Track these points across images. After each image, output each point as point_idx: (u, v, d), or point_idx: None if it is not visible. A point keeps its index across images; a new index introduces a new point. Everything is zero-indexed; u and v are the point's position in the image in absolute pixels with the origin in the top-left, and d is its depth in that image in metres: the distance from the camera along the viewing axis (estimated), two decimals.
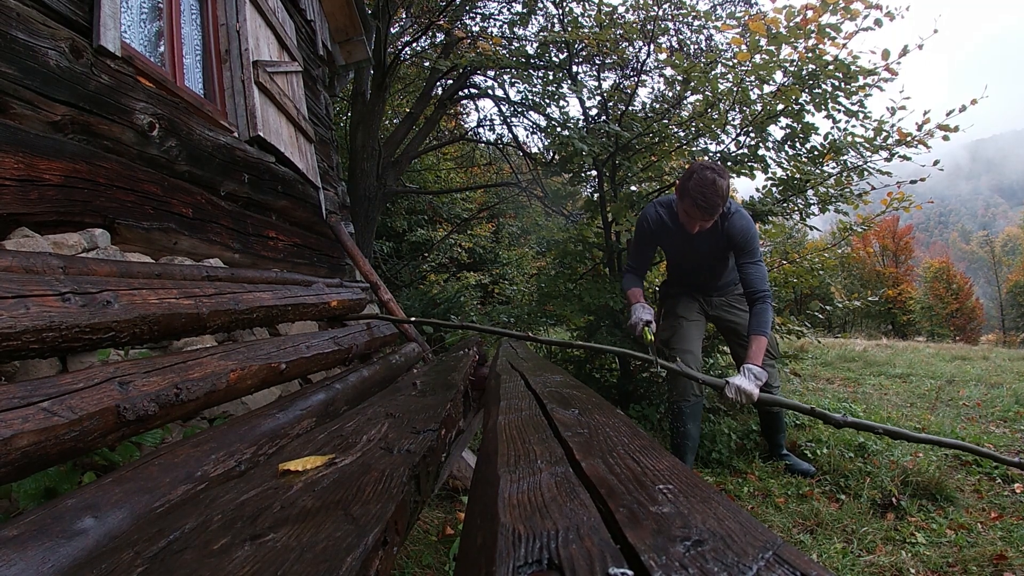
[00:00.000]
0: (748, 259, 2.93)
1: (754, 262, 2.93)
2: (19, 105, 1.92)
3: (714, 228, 2.95)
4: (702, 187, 2.68)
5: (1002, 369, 7.37)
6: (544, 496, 0.55)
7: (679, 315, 3.30)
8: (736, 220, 2.94)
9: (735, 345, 3.37)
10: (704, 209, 2.72)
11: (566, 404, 1.09)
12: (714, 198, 2.68)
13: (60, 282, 1.27)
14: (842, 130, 4.30)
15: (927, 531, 2.56)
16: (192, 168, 2.81)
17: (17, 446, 0.92)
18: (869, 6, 3.71)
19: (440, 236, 12.41)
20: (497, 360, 2.38)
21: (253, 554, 0.55)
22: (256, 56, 3.55)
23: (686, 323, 3.27)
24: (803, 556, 0.39)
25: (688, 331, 3.24)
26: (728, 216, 2.95)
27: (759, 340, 2.77)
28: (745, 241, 2.92)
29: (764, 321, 2.81)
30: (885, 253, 36.74)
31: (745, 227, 2.94)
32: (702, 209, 2.72)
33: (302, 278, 3.24)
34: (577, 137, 4.41)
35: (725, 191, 2.71)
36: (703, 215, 2.75)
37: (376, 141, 8.72)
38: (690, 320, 3.28)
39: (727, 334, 3.44)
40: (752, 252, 2.93)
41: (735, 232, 2.92)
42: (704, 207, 2.71)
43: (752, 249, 2.93)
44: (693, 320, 3.29)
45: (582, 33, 5.19)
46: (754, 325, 2.84)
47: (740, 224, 2.94)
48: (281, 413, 1.57)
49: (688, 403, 3.13)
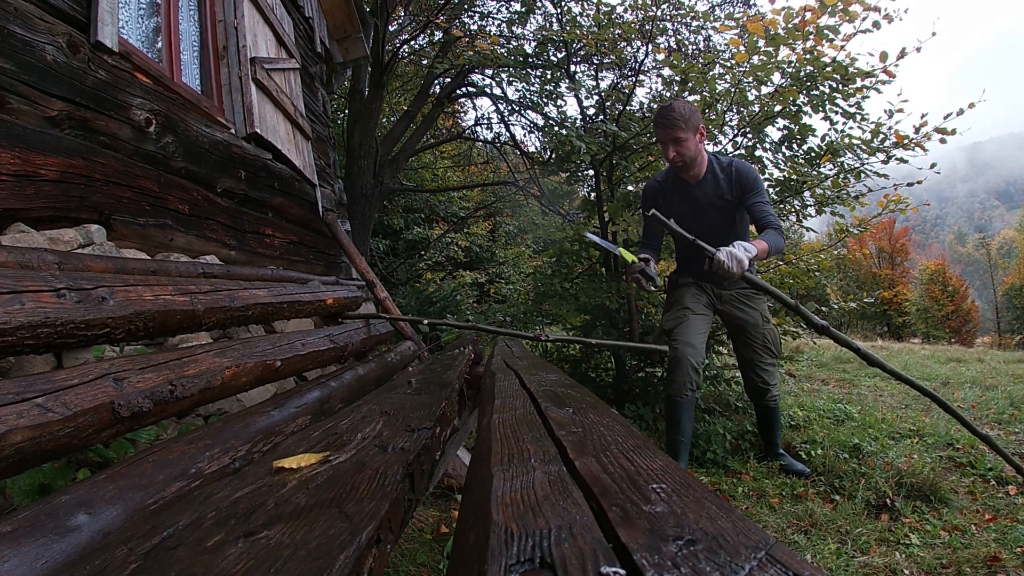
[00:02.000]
0: (756, 198, 3.05)
1: (763, 200, 3.06)
2: (16, 100, 1.92)
3: (712, 180, 3.12)
4: (660, 111, 3.02)
5: (997, 371, 7.40)
6: (537, 495, 0.55)
7: (686, 306, 3.27)
8: (739, 165, 3.11)
9: (740, 344, 3.35)
10: (662, 124, 2.98)
11: (560, 403, 1.09)
12: (668, 113, 2.95)
13: (56, 278, 1.27)
14: (839, 132, 4.31)
15: (921, 532, 2.57)
16: (189, 164, 2.80)
17: (11, 442, 0.92)
18: (867, 8, 3.72)
19: (437, 234, 12.40)
20: (492, 359, 2.38)
21: (247, 551, 0.55)
22: (254, 53, 3.54)
23: (692, 315, 3.22)
24: (796, 556, 0.39)
25: (693, 323, 3.20)
26: (732, 161, 3.14)
27: (760, 242, 2.86)
28: (751, 181, 3.06)
29: (773, 238, 2.93)
30: (881, 255, 36.84)
31: (748, 169, 3.11)
32: (661, 125, 2.99)
33: (298, 276, 3.24)
34: (574, 136, 4.41)
35: (683, 109, 2.95)
36: (663, 131, 3.00)
37: (373, 139, 8.71)
38: (696, 313, 3.24)
39: (734, 331, 3.39)
40: (759, 191, 3.07)
41: (741, 174, 3.08)
42: (661, 122, 2.98)
43: (759, 188, 3.08)
44: (700, 313, 3.25)
45: (580, 32, 5.20)
46: (763, 236, 2.95)
47: (743, 168, 3.11)
48: (276, 411, 1.57)
49: (684, 398, 3.09)
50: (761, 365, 3.31)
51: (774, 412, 3.43)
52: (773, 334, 3.34)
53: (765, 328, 3.29)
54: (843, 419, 4.48)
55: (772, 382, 3.32)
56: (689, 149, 3.01)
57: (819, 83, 4.03)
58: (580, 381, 3.53)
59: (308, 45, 5.04)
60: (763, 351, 3.31)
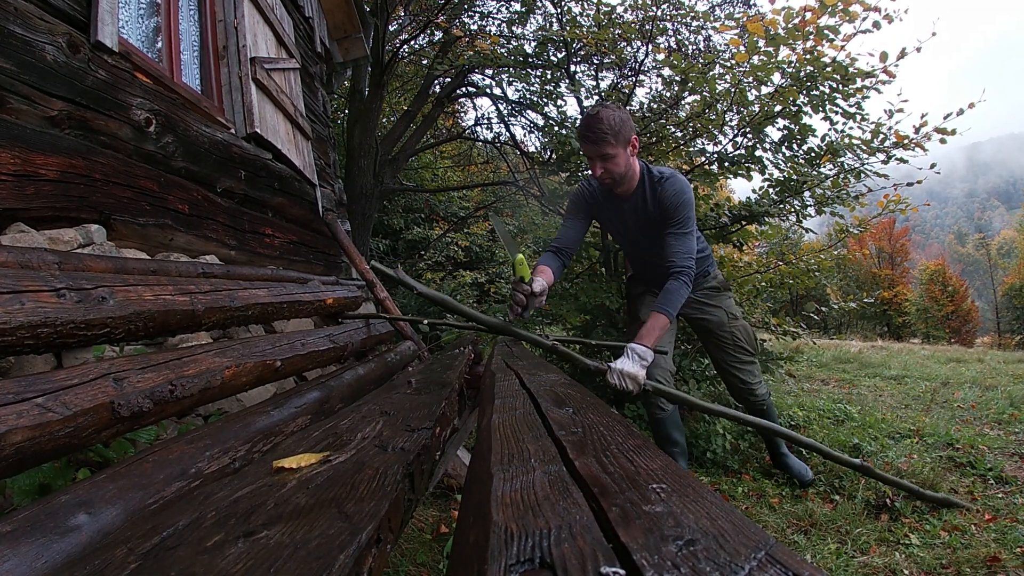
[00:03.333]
0: (673, 228, 2.66)
1: (680, 232, 2.65)
2: (16, 100, 1.92)
3: (643, 197, 2.75)
4: (586, 121, 2.55)
5: (997, 371, 7.40)
6: (537, 495, 0.55)
7: (640, 319, 3.02)
8: (668, 185, 2.68)
9: (710, 346, 3.20)
10: (587, 139, 2.55)
11: (560, 403, 1.09)
12: (595, 125, 2.50)
13: (56, 278, 1.27)
14: (839, 132, 4.31)
15: (921, 532, 2.57)
16: (189, 164, 2.80)
17: (11, 442, 0.92)
18: (868, 8, 3.71)
19: (437, 234, 12.39)
20: (492, 359, 2.37)
21: (246, 551, 0.55)
22: (254, 53, 3.54)
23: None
24: (796, 556, 0.39)
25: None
26: (663, 180, 2.70)
27: (656, 317, 2.52)
28: (673, 208, 2.66)
29: (670, 299, 2.54)
30: (881, 255, 36.85)
31: (676, 191, 2.66)
32: (586, 140, 2.56)
33: (298, 275, 3.24)
34: (574, 136, 4.41)
35: (612, 119, 2.49)
36: (588, 146, 2.58)
37: (373, 139, 8.71)
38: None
39: (701, 334, 3.24)
40: (679, 221, 2.66)
41: (664, 198, 2.67)
42: (587, 136, 2.55)
43: (680, 218, 2.66)
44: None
45: (580, 32, 5.20)
46: (658, 301, 2.58)
47: (671, 189, 2.67)
48: (276, 410, 1.57)
49: (664, 412, 2.99)
50: (736, 365, 3.13)
51: (766, 414, 3.20)
52: (744, 331, 3.15)
53: (733, 326, 3.11)
54: (843, 419, 4.48)
55: (752, 381, 3.13)
56: (619, 166, 2.61)
57: (819, 83, 4.03)
58: (580, 381, 3.53)
59: (308, 45, 5.05)
60: (735, 350, 3.12)
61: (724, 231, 4.50)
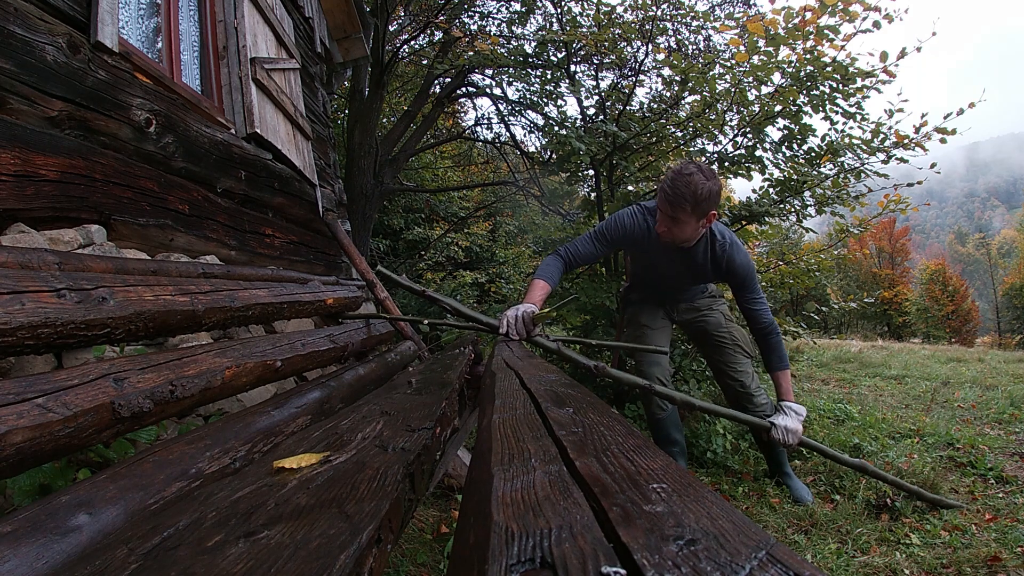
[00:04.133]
0: (751, 294, 2.81)
1: (757, 298, 2.82)
2: (16, 100, 1.92)
3: (701, 253, 2.79)
4: (674, 177, 2.50)
5: (997, 371, 7.40)
6: (537, 494, 0.55)
7: (642, 324, 3.14)
8: (736, 254, 2.77)
9: (708, 348, 3.20)
10: (666, 196, 2.52)
11: (561, 403, 1.09)
12: (683, 188, 2.46)
13: (56, 278, 1.27)
14: (840, 132, 4.31)
15: (921, 532, 2.57)
16: (189, 164, 2.80)
17: (12, 442, 0.92)
18: (868, 8, 3.72)
19: (437, 234, 12.40)
20: (493, 358, 2.37)
21: (247, 551, 0.55)
22: (254, 53, 3.54)
23: (650, 331, 3.11)
24: (796, 556, 0.39)
25: (652, 340, 3.08)
26: (726, 247, 2.77)
27: (785, 374, 2.80)
28: (746, 277, 2.80)
29: (782, 355, 2.82)
30: (881, 255, 36.87)
31: (746, 263, 2.79)
32: (665, 195, 2.52)
33: (298, 275, 3.24)
34: (574, 136, 4.41)
35: (699, 188, 2.46)
36: (665, 203, 2.55)
37: (373, 139, 8.72)
38: (654, 328, 3.12)
39: (699, 338, 3.24)
40: (754, 288, 2.82)
41: (736, 267, 2.77)
42: (667, 195, 2.51)
43: (754, 286, 2.82)
44: (658, 328, 3.13)
45: (580, 33, 5.20)
46: (775, 361, 2.82)
47: (741, 259, 2.77)
48: (276, 410, 1.57)
49: (664, 412, 3.02)
50: (735, 367, 3.11)
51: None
52: (740, 332, 3.17)
53: (730, 326, 3.14)
54: (843, 419, 4.48)
55: (752, 386, 3.09)
56: (684, 233, 2.62)
57: (819, 83, 4.03)
58: (580, 381, 3.53)
59: (308, 45, 5.05)
60: (734, 350, 3.12)
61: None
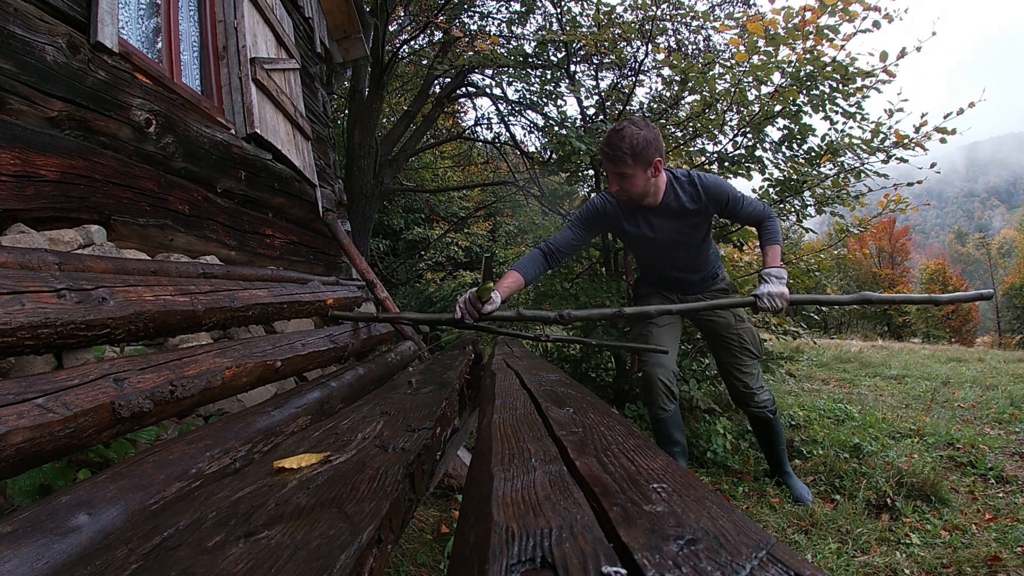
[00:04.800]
0: (740, 205, 2.79)
1: (744, 204, 2.79)
2: (16, 100, 1.92)
3: (674, 201, 2.75)
4: (609, 136, 2.56)
5: (997, 371, 7.40)
6: (538, 494, 0.55)
7: (649, 320, 3.06)
8: (704, 179, 2.75)
9: (716, 347, 3.18)
10: (604, 154, 2.58)
11: (561, 403, 1.09)
12: (616, 143, 2.51)
13: (56, 278, 1.27)
14: (839, 132, 4.30)
15: (922, 532, 2.57)
16: (189, 165, 2.80)
17: (12, 442, 0.92)
18: (867, 8, 3.71)
19: (437, 234, 12.40)
20: (493, 358, 2.37)
21: (247, 551, 0.55)
22: (254, 53, 3.54)
23: (656, 328, 3.06)
24: (796, 556, 0.39)
25: (659, 338, 3.02)
26: (693, 180, 2.75)
27: (774, 248, 2.75)
28: (728, 195, 2.75)
29: (774, 231, 2.78)
30: (881, 255, 36.88)
31: (717, 181, 2.76)
32: (605, 155, 2.57)
33: (298, 276, 3.24)
34: (574, 136, 4.41)
35: (635, 140, 2.48)
36: (608, 163, 2.59)
37: (373, 139, 8.71)
38: (661, 325, 3.07)
39: (708, 335, 3.22)
40: (739, 197, 2.78)
41: (712, 190, 2.73)
42: (606, 152, 2.57)
43: (735, 198, 2.77)
44: (665, 324, 3.08)
45: (580, 33, 5.20)
46: (765, 237, 2.80)
47: (711, 181, 2.75)
48: (276, 411, 1.57)
49: (666, 412, 2.97)
50: (740, 368, 3.10)
51: (769, 423, 3.14)
52: (751, 333, 3.14)
53: (740, 327, 3.10)
54: (843, 419, 4.48)
55: (755, 386, 3.09)
56: (636, 186, 2.62)
57: (819, 83, 4.03)
58: (580, 381, 3.53)
59: (308, 45, 5.04)
60: (741, 352, 3.10)
61: (724, 231, 4.50)
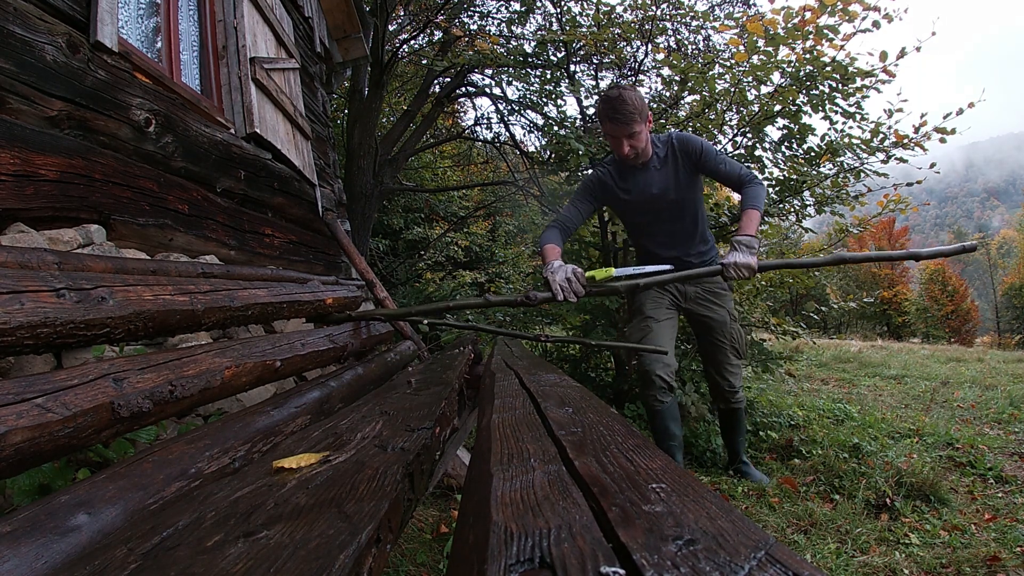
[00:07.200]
0: (716, 160, 2.86)
1: (723, 160, 2.88)
2: (15, 100, 1.91)
3: (660, 161, 2.90)
4: (613, 105, 2.68)
5: (997, 371, 7.41)
6: (537, 494, 0.55)
7: (647, 315, 3.08)
8: (682, 135, 2.91)
9: (706, 344, 3.20)
10: (617, 120, 2.70)
11: (560, 403, 1.09)
12: (622, 107, 2.66)
13: (55, 278, 1.27)
14: (839, 131, 4.31)
15: (921, 532, 2.57)
16: (188, 164, 2.80)
17: (11, 442, 0.92)
18: (867, 8, 3.71)
19: (436, 234, 12.39)
20: (492, 358, 2.38)
21: (246, 551, 0.55)
22: (253, 53, 3.54)
23: (655, 324, 3.06)
24: (796, 556, 0.39)
25: (656, 333, 3.03)
26: (671, 138, 2.91)
27: (751, 213, 2.73)
28: (698, 147, 2.86)
29: (753, 196, 2.77)
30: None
31: (691, 138, 2.90)
32: (615, 121, 2.70)
33: (298, 275, 3.24)
34: (574, 137, 4.41)
35: (634, 99, 2.67)
36: (619, 127, 2.72)
37: (373, 138, 8.71)
38: (659, 320, 3.07)
39: (700, 330, 3.24)
40: (714, 153, 2.88)
41: (691, 145, 2.87)
42: (616, 117, 2.69)
43: (712, 150, 2.88)
44: (663, 320, 3.08)
45: (580, 32, 5.20)
46: (746, 201, 2.80)
47: (685, 137, 2.90)
48: (276, 410, 1.57)
49: (662, 404, 2.97)
50: (728, 367, 3.17)
51: (739, 414, 3.30)
52: (739, 334, 3.20)
53: (732, 327, 3.15)
54: (843, 419, 4.48)
55: (738, 385, 3.19)
56: (642, 141, 2.79)
57: (819, 83, 4.03)
58: (580, 381, 3.51)
59: (308, 45, 5.04)
60: (731, 352, 3.16)
61: (724, 231, 4.50)
